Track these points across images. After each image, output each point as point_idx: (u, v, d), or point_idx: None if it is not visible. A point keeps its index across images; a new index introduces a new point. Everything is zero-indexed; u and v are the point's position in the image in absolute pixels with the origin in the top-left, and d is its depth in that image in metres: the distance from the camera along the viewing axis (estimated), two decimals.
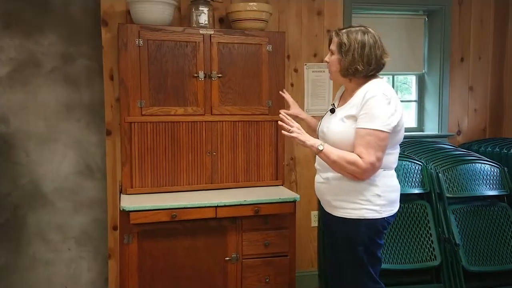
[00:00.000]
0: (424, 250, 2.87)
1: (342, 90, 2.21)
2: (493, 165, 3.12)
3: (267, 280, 2.69)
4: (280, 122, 2.07)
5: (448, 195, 2.98)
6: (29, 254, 3.04)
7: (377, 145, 1.91)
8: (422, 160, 3.06)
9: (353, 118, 1.98)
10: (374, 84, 1.99)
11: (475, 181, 3.06)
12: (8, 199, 2.99)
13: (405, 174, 2.96)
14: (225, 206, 2.56)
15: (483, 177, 3.08)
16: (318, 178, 2.16)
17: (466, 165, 3.09)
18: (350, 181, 1.99)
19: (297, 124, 2.06)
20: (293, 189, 3.22)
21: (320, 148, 1.98)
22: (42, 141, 3.01)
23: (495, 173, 3.11)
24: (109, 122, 2.91)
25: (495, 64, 3.72)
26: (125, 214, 2.46)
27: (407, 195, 2.92)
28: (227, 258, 2.64)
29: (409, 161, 3.01)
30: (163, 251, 2.56)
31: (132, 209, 2.45)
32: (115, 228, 2.95)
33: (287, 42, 3.11)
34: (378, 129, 1.90)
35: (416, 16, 3.69)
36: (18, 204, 3.00)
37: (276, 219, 2.69)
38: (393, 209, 2.07)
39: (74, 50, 3.01)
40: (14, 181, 2.99)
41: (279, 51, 2.90)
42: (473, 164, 3.10)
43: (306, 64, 3.26)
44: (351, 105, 2.01)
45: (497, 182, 3.10)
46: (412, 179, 2.97)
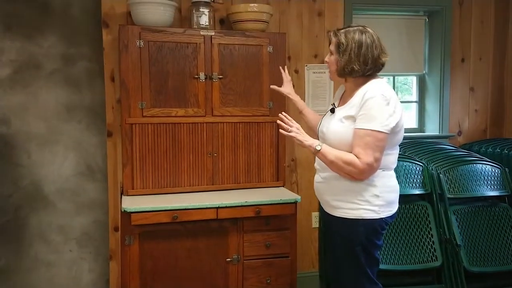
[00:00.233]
0: (425, 251, 2.87)
1: (343, 90, 2.21)
2: (494, 166, 3.12)
3: (268, 281, 2.69)
4: (279, 121, 2.08)
5: (449, 196, 2.98)
6: (31, 256, 3.04)
7: (375, 146, 1.91)
8: (423, 161, 3.06)
9: (352, 119, 1.98)
10: (374, 85, 1.99)
11: (476, 182, 3.06)
12: (10, 201, 2.99)
13: (406, 175, 2.96)
14: (226, 207, 2.56)
15: (484, 178, 3.08)
16: (317, 178, 2.16)
17: (467, 166, 3.09)
18: (349, 181, 1.99)
19: (297, 124, 2.07)
20: (294, 190, 3.23)
21: (318, 148, 1.99)
22: (43, 143, 3.01)
23: (496, 174, 3.10)
24: (110, 124, 2.91)
25: (496, 65, 3.72)
26: (126, 215, 2.47)
27: (408, 196, 2.92)
28: (228, 259, 2.64)
29: (410, 162, 3.00)
30: (164, 252, 2.56)
31: (133, 210, 2.45)
32: (116, 229, 2.95)
33: (288, 43, 3.11)
34: (376, 130, 1.90)
35: (417, 17, 3.69)
36: (20, 206, 3.01)
37: (277, 220, 2.69)
38: (392, 210, 2.07)
39: (75, 52, 3.01)
40: (15, 183, 2.99)
41: (280, 52, 2.90)
42: (474, 165, 3.10)
43: (307, 65, 3.26)
44: (351, 106, 2.01)
45: (498, 183, 3.10)
46: (413, 180, 2.97)
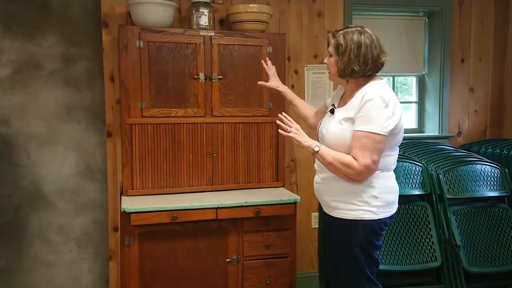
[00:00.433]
0: (425, 251, 2.87)
1: (342, 91, 2.21)
2: (494, 166, 3.12)
3: (268, 282, 2.69)
4: (278, 122, 2.08)
5: (449, 196, 2.98)
6: (31, 256, 3.04)
7: (373, 148, 1.91)
8: (423, 161, 3.06)
9: (351, 121, 1.98)
10: (373, 87, 1.99)
11: (476, 182, 3.06)
12: (10, 201, 2.99)
13: (406, 175, 2.96)
14: (226, 208, 2.57)
15: (484, 178, 3.08)
16: (317, 179, 2.17)
17: (467, 166, 3.08)
18: (347, 183, 2.00)
19: (296, 125, 2.07)
20: (294, 191, 3.23)
21: (316, 150, 2.00)
22: (43, 143, 3.01)
23: (496, 174, 3.10)
24: (110, 124, 2.92)
25: (496, 65, 3.72)
26: (126, 216, 2.47)
27: (408, 196, 2.92)
28: (228, 260, 2.64)
29: (410, 162, 3.00)
30: (164, 253, 2.56)
31: (133, 211, 2.45)
32: (116, 230, 2.95)
33: (288, 44, 3.11)
34: (374, 132, 1.90)
35: (417, 17, 3.69)
36: (19, 206, 3.01)
37: (277, 221, 2.69)
38: (391, 210, 2.07)
39: (75, 52, 3.01)
40: (15, 183, 2.99)
41: (280, 53, 2.90)
42: (474, 165, 3.10)
43: (307, 66, 3.26)
44: (350, 107, 2.01)
45: (498, 183, 3.10)
46: (413, 180, 2.97)
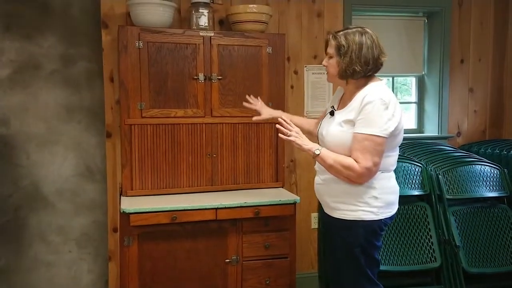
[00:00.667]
0: (424, 252, 2.87)
1: (341, 92, 2.21)
2: (493, 167, 3.12)
3: (268, 282, 2.69)
4: (278, 126, 2.08)
5: (448, 197, 2.98)
6: (30, 256, 3.04)
7: (374, 150, 1.91)
8: (422, 162, 3.06)
9: (351, 123, 1.98)
10: (373, 88, 1.98)
11: (475, 183, 3.06)
12: (9, 201, 2.99)
13: (405, 176, 2.97)
14: (226, 208, 2.56)
15: (483, 179, 3.08)
16: (317, 180, 2.17)
17: (466, 167, 3.09)
18: (348, 184, 2.00)
19: (296, 128, 2.07)
20: (293, 191, 3.23)
21: (317, 153, 2.00)
22: (43, 143, 3.01)
23: (495, 175, 3.11)
24: (109, 124, 2.92)
25: (495, 66, 3.72)
26: (125, 216, 2.47)
27: (407, 197, 2.92)
28: (228, 260, 2.64)
29: (409, 163, 3.01)
30: (163, 253, 2.56)
31: (132, 211, 2.45)
32: (116, 230, 2.95)
33: (287, 44, 3.11)
34: (375, 134, 1.91)
35: (416, 18, 3.69)
36: (19, 206, 3.01)
37: (276, 221, 2.69)
38: (391, 211, 2.07)
39: (74, 52, 3.01)
40: (15, 183, 2.99)
41: (279, 53, 2.90)
42: (473, 166, 3.10)
43: (306, 66, 3.26)
44: (350, 109, 2.01)
45: (497, 184, 3.10)
46: (412, 181, 2.97)
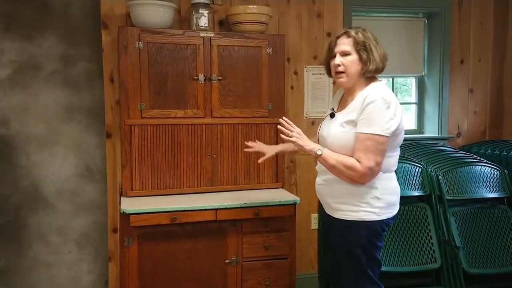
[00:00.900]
0: (424, 253, 2.87)
1: (341, 93, 2.21)
2: (493, 167, 3.12)
3: (267, 283, 2.69)
4: (280, 126, 2.07)
5: (448, 198, 2.98)
6: (30, 256, 3.04)
7: (376, 150, 1.91)
8: (422, 163, 3.06)
9: (353, 123, 1.98)
10: (374, 88, 1.99)
11: (475, 184, 3.06)
12: (9, 201, 2.99)
13: (405, 177, 2.96)
14: (225, 209, 2.56)
15: (483, 179, 3.08)
16: (319, 180, 2.17)
17: (466, 167, 3.09)
18: (350, 184, 2.00)
19: (298, 129, 2.07)
20: (293, 192, 3.22)
21: (319, 153, 2.00)
22: (43, 144, 3.01)
23: (495, 175, 3.10)
24: (109, 125, 2.91)
25: (495, 66, 3.72)
26: (125, 217, 2.47)
27: (407, 198, 2.92)
28: (227, 261, 2.64)
29: (409, 164, 3.00)
30: (163, 254, 2.56)
31: (132, 212, 2.45)
32: (115, 231, 2.95)
33: (287, 45, 3.11)
34: (377, 134, 1.91)
35: (416, 19, 3.69)
36: (19, 206, 3.01)
37: (276, 222, 2.69)
38: (393, 212, 2.07)
39: (74, 53, 3.01)
40: (15, 183, 2.99)
41: (279, 54, 2.90)
42: (473, 167, 3.10)
43: (306, 67, 3.26)
44: (351, 110, 2.01)
45: (497, 185, 3.10)
46: (412, 182, 2.97)
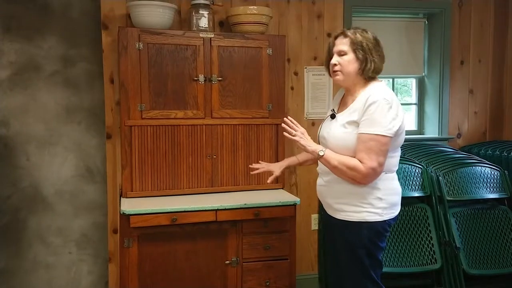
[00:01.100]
0: (425, 253, 2.87)
1: (342, 94, 2.21)
2: (494, 168, 3.12)
3: (268, 284, 2.69)
4: (284, 125, 2.07)
5: (449, 198, 2.98)
6: (30, 257, 3.04)
7: (379, 150, 1.91)
8: (423, 163, 3.06)
9: (355, 124, 1.98)
10: (375, 89, 1.99)
11: (476, 184, 3.06)
12: (9, 202, 2.99)
13: (406, 177, 2.96)
14: (225, 210, 2.56)
15: (484, 180, 3.08)
16: (320, 181, 2.16)
17: (467, 168, 3.09)
18: (352, 185, 2.00)
19: (302, 129, 2.06)
20: (293, 193, 3.22)
21: (321, 154, 1.99)
22: (43, 144, 3.01)
23: (496, 176, 3.10)
24: (109, 126, 2.91)
25: (495, 67, 3.72)
26: (125, 218, 2.46)
27: (408, 198, 2.92)
28: (227, 262, 2.63)
29: (410, 164, 3.00)
30: (163, 255, 2.55)
31: (132, 213, 2.45)
32: (115, 232, 2.94)
33: (287, 45, 3.10)
34: (380, 134, 1.90)
35: (416, 19, 3.69)
36: (19, 207, 3.00)
37: (276, 223, 2.69)
38: (395, 212, 2.07)
39: (74, 54, 3.01)
40: (15, 184, 2.99)
41: (279, 55, 2.90)
42: (474, 167, 3.10)
43: (306, 67, 3.26)
44: (353, 110, 2.01)
45: (498, 185, 3.10)
46: (413, 182, 2.97)
